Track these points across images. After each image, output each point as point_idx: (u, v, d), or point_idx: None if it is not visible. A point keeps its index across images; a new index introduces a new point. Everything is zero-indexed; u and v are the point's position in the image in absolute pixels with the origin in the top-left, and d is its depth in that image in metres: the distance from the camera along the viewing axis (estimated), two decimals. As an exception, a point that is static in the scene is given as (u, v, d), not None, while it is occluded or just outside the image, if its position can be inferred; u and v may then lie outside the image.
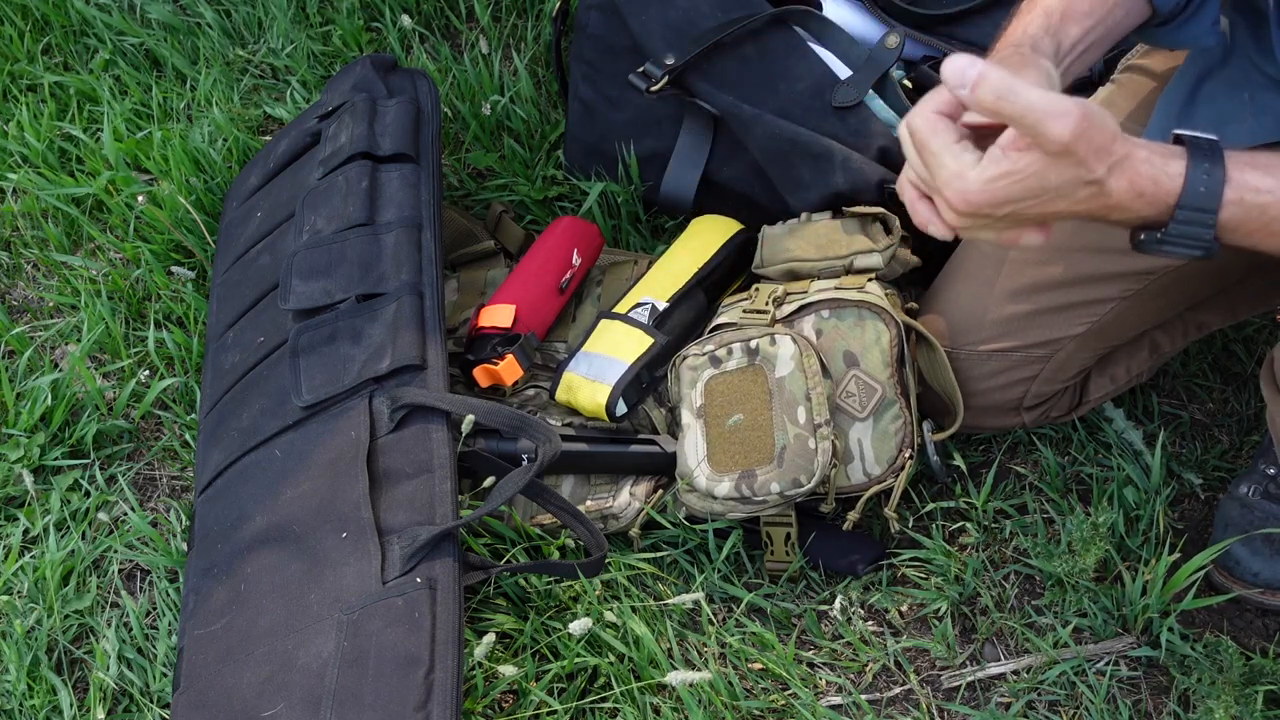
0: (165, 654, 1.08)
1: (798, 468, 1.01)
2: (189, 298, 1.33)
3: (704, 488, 1.04)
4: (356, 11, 1.55)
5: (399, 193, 1.16)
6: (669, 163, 1.26)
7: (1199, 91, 0.94)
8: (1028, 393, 1.08)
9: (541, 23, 1.52)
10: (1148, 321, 1.07)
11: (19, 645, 1.08)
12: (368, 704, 0.86)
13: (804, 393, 1.03)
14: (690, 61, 1.18)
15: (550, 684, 1.00)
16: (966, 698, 1.02)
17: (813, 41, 1.21)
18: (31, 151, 1.49)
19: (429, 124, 1.23)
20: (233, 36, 1.60)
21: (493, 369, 1.12)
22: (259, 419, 1.08)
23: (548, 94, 1.46)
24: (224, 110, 1.49)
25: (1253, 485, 1.05)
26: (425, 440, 0.99)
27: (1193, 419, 1.18)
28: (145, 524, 1.16)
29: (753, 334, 1.07)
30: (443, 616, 0.90)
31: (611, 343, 1.13)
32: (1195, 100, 0.95)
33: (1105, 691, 0.99)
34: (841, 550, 1.09)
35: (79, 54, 1.62)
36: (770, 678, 1.03)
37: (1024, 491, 1.14)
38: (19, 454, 1.22)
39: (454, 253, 1.31)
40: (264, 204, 1.27)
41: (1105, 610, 1.03)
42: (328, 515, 0.97)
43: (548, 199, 1.39)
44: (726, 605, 1.09)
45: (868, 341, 1.05)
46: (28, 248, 1.44)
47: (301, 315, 1.10)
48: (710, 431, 1.06)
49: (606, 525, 1.10)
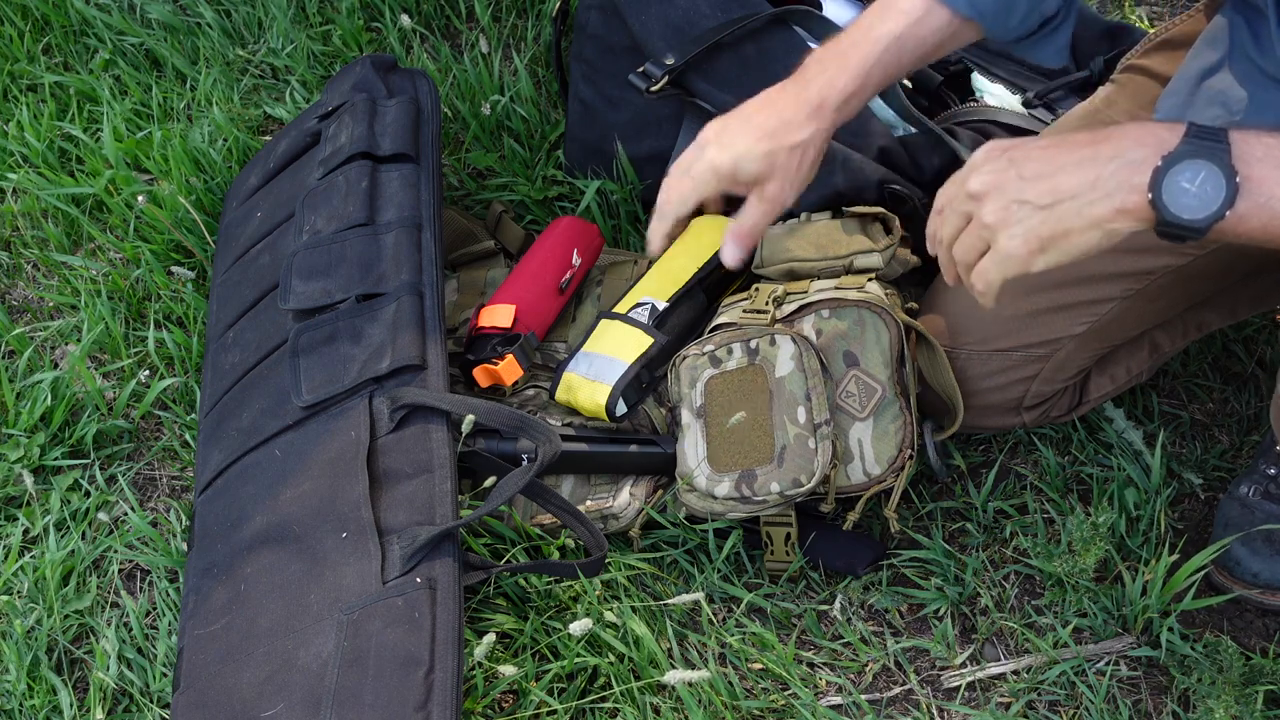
0: (165, 654, 1.08)
1: (798, 467, 1.01)
2: (189, 298, 1.33)
3: (704, 487, 1.04)
4: (356, 11, 1.55)
5: (399, 193, 1.16)
6: (669, 162, 1.26)
7: (1202, 89, 0.95)
8: (1028, 392, 1.08)
9: (541, 23, 1.52)
10: (1148, 321, 1.07)
11: (19, 645, 1.08)
12: (368, 704, 0.86)
13: (804, 392, 1.03)
14: (690, 61, 1.18)
15: (550, 684, 1.00)
16: (966, 698, 1.02)
17: (813, 41, 1.21)
18: (31, 151, 1.49)
19: (429, 124, 1.23)
20: (233, 36, 1.60)
21: (492, 369, 1.12)
22: (259, 419, 1.08)
23: (548, 94, 1.46)
24: (224, 110, 1.49)
25: (1253, 485, 1.04)
26: (425, 440, 0.99)
27: (1193, 419, 1.18)
28: (145, 524, 1.16)
29: (752, 334, 1.07)
30: (443, 616, 0.90)
31: (611, 343, 1.13)
32: (1197, 98, 0.95)
33: (1105, 691, 0.99)
34: (841, 550, 1.09)
35: (79, 54, 1.62)
36: (770, 678, 1.03)
37: (1024, 491, 1.14)
38: (19, 454, 1.22)
39: (454, 253, 1.31)
40: (264, 204, 1.27)
41: (1105, 610, 1.03)
42: (328, 515, 0.97)
43: (548, 199, 1.39)
44: (726, 605, 1.09)
45: (868, 341, 1.05)
46: (28, 248, 1.44)
47: (301, 315, 1.10)
48: (710, 431, 1.06)
49: (606, 525, 1.10)
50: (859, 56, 0.96)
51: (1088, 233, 0.76)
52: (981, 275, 0.82)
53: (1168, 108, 0.97)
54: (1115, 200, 0.74)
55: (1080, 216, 0.75)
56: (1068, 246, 0.77)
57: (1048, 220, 0.77)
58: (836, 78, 0.96)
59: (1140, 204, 0.74)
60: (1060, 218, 0.76)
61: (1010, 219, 0.78)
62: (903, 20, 0.95)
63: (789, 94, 0.99)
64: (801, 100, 0.97)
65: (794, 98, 0.98)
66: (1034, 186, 0.77)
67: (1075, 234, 0.76)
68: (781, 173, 0.99)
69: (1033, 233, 0.77)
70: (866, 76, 0.96)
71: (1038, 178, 0.77)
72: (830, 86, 0.97)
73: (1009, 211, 0.78)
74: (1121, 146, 0.75)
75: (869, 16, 0.97)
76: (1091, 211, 0.75)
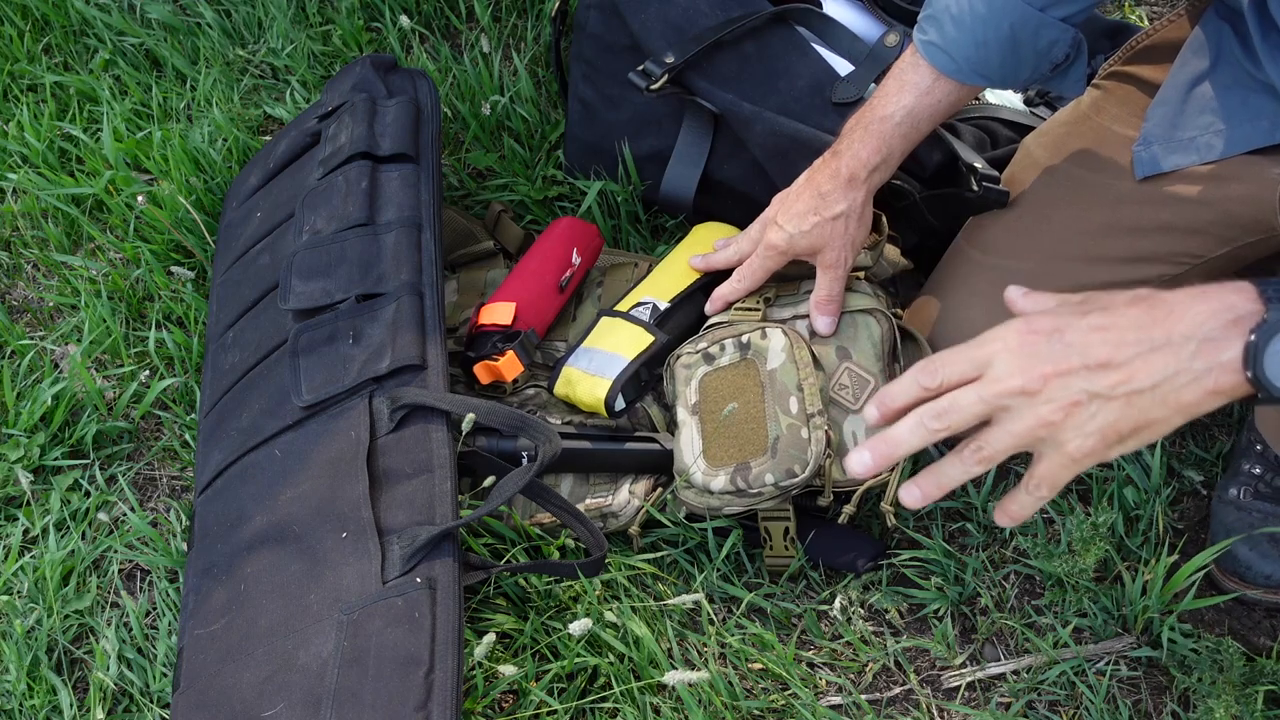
0: (165, 654, 1.08)
1: (791, 458, 1.01)
2: (189, 298, 1.33)
3: (700, 483, 1.04)
4: (356, 11, 1.55)
5: (399, 193, 1.16)
6: (669, 162, 1.26)
7: (1192, 96, 0.95)
8: None
9: (541, 23, 1.52)
10: None
11: (19, 645, 1.08)
12: (368, 704, 0.86)
13: (795, 383, 1.03)
14: (690, 60, 1.18)
15: (550, 684, 1.00)
16: (966, 698, 1.02)
17: (814, 40, 1.21)
18: (31, 151, 1.49)
19: (429, 124, 1.23)
20: (233, 36, 1.60)
21: (493, 365, 1.12)
22: (259, 419, 1.08)
23: (548, 94, 1.46)
24: (224, 110, 1.49)
25: (1241, 487, 1.04)
26: (425, 440, 0.99)
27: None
28: (145, 524, 1.16)
29: (744, 329, 1.08)
30: (443, 616, 0.90)
31: (612, 339, 1.13)
32: (1188, 106, 0.95)
33: (1105, 691, 0.99)
34: (842, 548, 1.09)
35: (79, 54, 1.62)
36: (770, 678, 1.03)
37: (1024, 491, 1.13)
38: (19, 454, 1.22)
39: (454, 253, 1.31)
40: (264, 204, 1.27)
41: (1105, 610, 1.03)
42: (328, 515, 0.97)
43: (548, 199, 1.39)
44: (726, 605, 1.09)
45: (859, 334, 1.06)
46: (28, 248, 1.44)
47: (301, 315, 1.10)
48: (705, 427, 1.06)
49: (606, 524, 1.10)
50: (880, 130, 1.01)
51: (1172, 419, 0.68)
52: (1046, 473, 0.70)
53: (1159, 116, 0.97)
54: (1206, 383, 0.67)
55: (1166, 405, 0.67)
56: (1148, 435, 0.69)
57: (1126, 413, 0.68)
58: (860, 151, 1.02)
59: (1237, 383, 0.66)
60: (1143, 410, 0.67)
61: (1081, 414, 0.68)
62: (913, 93, 1.00)
63: (827, 169, 1.05)
64: (835, 174, 1.03)
65: (831, 172, 1.04)
66: (1107, 377, 0.67)
67: (1160, 423, 0.68)
68: (834, 241, 1.05)
69: (1111, 428, 0.68)
70: (889, 149, 1.02)
71: (1108, 367, 0.67)
72: (856, 159, 1.02)
73: (1079, 407, 0.68)
74: (1195, 323, 0.67)
75: (887, 88, 1.02)
76: (1179, 398, 0.67)
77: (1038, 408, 0.68)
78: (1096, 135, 1.03)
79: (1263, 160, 0.92)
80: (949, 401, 0.70)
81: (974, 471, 0.71)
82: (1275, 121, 0.90)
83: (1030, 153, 1.08)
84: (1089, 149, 1.03)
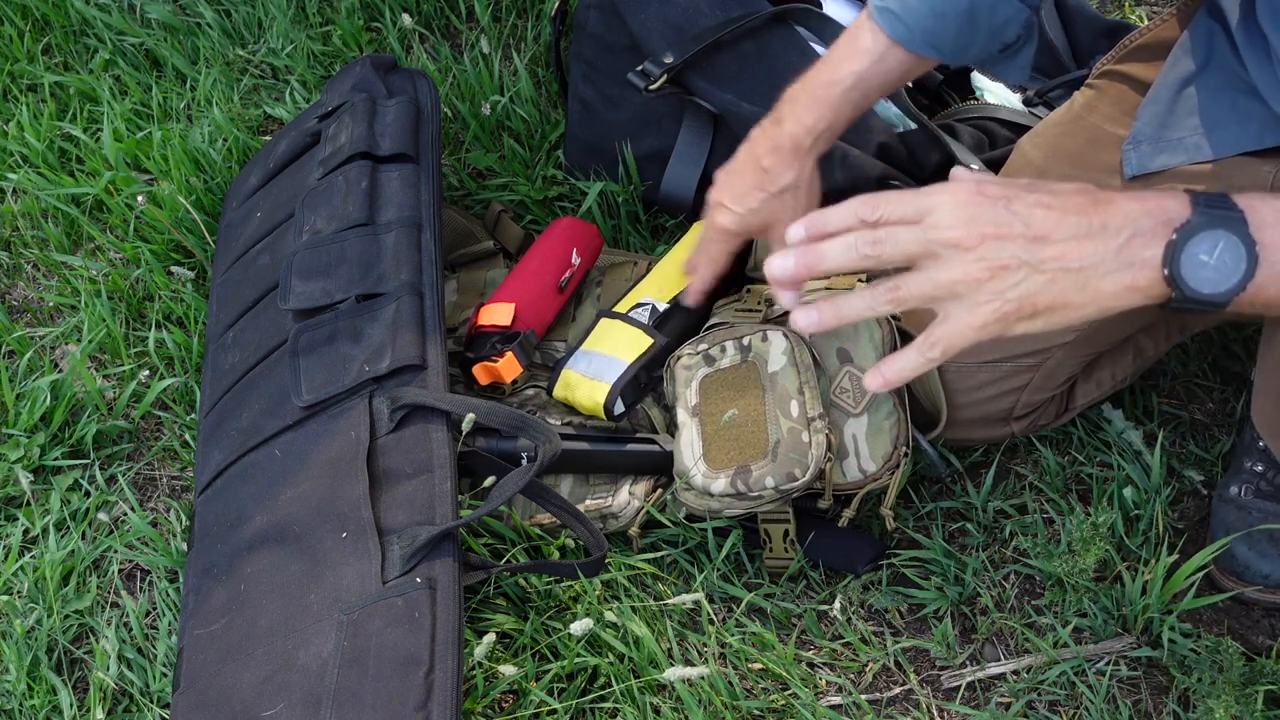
0: (165, 654, 1.08)
1: (791, 461, 1.01)
2: (189, 298, 1.33)
3: (700, 485, 1.04)
4: (356, 11, 1.55)
5: (399, 193, 1.16)
6: (669, 162, 1.26)
7: (1181, 97, 0.94)
8: (1018, 402, 1.08)
9: (541, 23, 1.52)
10: (1136, 324, 1.07)
11: (19, 645, 1.08)
12: (368, 704, 0.86)
13: (796, 387, 1.03)
14: (690, 60, 1.18)
15: (550, 684, 1.00)
16: (966, 698, 1.02)
17: (814, 40, 1.21)
18: (31, 151, 1.49)
19: (429, 124, 1.23)
20: (233, 36, 1.60)
21: (492, 366, 1.12)
22: (259, 419, 1.08)
23: (548, 94, 1.46)
24: (224, 110, 1.49)
25: (1242, 485, 1.04)
26: (425, 440, 0.99)
27: (1193, 419, 1.17)
28: (145, 524, 1.16)
29: (744, 331, 1.08)
30: (443, 616, 0.90)
31: (611, 341, 1.13)
32: (1177, 106, 0.95)
33: (1105, 691, 0.99)
34: (842, 548, 1.09)
35: (79, 54, 1.62)
36: (770, 678, 1.03)
37: (1024, 491, 1.14)
38: (19, 454, 1.22)
39: (454, 253, 1.31)
40: (264, 204, 1.27)
41: (1105, 610, 1.03)
42: (327, 515, 0.97)
43: (548, 199, 1.39)
44: (726, 605, 1.09)
45: (860, 338, 1.06)
46: (28, 248, 1.44)
47: (301, 315, 1.10)
48: (705, 429, 1.06)
49: (606, 524, 1.10)
50: (826, 95, 0.98)
51: (1086, 307, 0.70)
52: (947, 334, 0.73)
53: (1149, 116, 0.97)
54: (1125, 278, 0.69)
55: (1085, 291, 0.69)
56: (1057, 318, 0.71)
57: (1048, 289, 0.70)
58: (805, 117, 0.98)
59: (1154, 280, 0.68)
60: (1064, 290, 0.70)
61: (1007, 279, 0.70)
62: (865, 59, 0.97)
63: (767, 139, 1.01)
64: (777, 143, 0.99)
65: (770, 141, 1.00)
66: (1042, 250, 0.69)
67: (1073, 308, 0.70)
68: (785, 216, 1.01)
69: (1029, 299, 0.70)
70: (836, 115, 0.98)
71: (1045, 240, 0.69)
72: (800, 125, 0.98)
73: (1007, 271, 0.70)
74: (1129, 218, 0.69)
75: (835, 54, 0.99)
76: (1099, 286, 0.69)
77: (967, 263, 0.70)
78: (1089, 134, 1.02)
79: (1253, 159, 0.92)
80: (886, 233, 0.72)
81: (880, 308, 0.74)
82: (1264, 125, 0.89)
83: (1025, 153, 1.08)
84: (1081, 148, 1.02)
